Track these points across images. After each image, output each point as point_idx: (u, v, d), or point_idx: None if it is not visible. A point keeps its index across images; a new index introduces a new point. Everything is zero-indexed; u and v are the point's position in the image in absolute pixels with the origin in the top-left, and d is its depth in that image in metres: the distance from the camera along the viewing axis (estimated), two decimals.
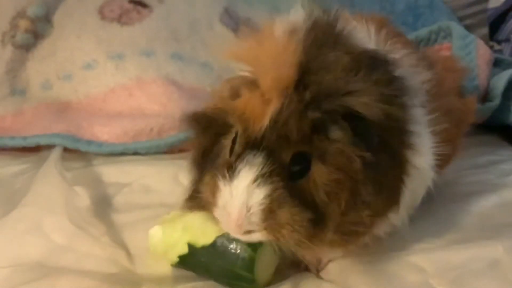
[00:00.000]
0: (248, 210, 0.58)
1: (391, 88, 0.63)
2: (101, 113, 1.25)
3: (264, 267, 0.69)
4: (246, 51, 0.64)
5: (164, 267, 0.74)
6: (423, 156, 0.68)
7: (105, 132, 1.18)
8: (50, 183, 0.92)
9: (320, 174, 0.60)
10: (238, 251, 0.67)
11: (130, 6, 1.42)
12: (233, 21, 1.47)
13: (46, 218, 0.82)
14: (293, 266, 0.74)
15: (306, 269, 0.74)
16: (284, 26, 0.65)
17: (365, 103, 0.58)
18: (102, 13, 1.40)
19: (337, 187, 0.60)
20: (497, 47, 1.81)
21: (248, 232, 0.60)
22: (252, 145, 0.59)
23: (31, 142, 1.15)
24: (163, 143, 1.16)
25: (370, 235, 0.69)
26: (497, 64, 1.45)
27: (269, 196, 0.58)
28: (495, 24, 1.84)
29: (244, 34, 0.68)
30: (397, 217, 0.70)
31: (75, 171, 1.03)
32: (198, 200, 0.65)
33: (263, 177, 0.58)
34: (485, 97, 1.28)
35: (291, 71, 0.59)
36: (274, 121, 0.58)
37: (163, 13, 1.42)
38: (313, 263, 0.74)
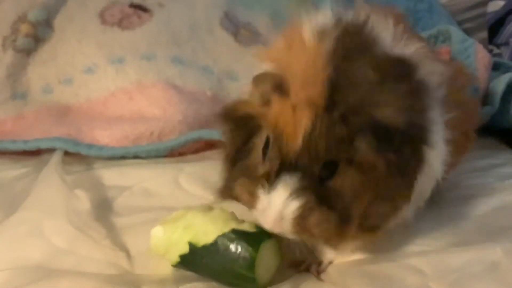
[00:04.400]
0: (283, 217, 0.64)
1: (414, 97, 0.66)
2: (101, 117, 1.25)
3: (265, 267, 0.69)
4: (276, 53, 0.69)
5: (164, 269, 0.74)
6: (437, 152, 0.72)
7: (106, 136, 1.18)
8: (51, 187, 0.92)
9: (345, 177, 0.64)
10: (239, 250, 0.68)
11: (130, 10, 1.43)
12: (233, 25, 1.48)
13: (47, 221, 0.82)
14: (293, 267, 0.74)
15: (306, 270, 0.74)
16: (312, 29, 0.68)
17: (389, 115, 0.63)
18: (102, 18, 1.41)
19: (361, 188, 0.64)
20: (496, 50, 1.81)
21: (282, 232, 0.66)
22: (288, 163, 0.64)
23: (31, 146, 1.15)
24: (163, 146, 1.16)
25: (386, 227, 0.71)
26: (496, 67, 1.45)
27: (301, 207, 0.63)
28: (494, 27, 1.84)
29: (273, 36, 0.72)
30: (407, 210, 0.72)
31: (76, 175, 1.04)
32: (231, 193, 0.70)
33: (296, 192, 0.63)
34: (484, 100, 1.28)
35: (320, 89, 0.62)
36: (306, 140, 0.62)
37: (164, 18, 1.43)
38: (313, 264, 0.74)
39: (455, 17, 1.87)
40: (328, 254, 0.75)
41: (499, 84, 1.28)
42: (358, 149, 0.63)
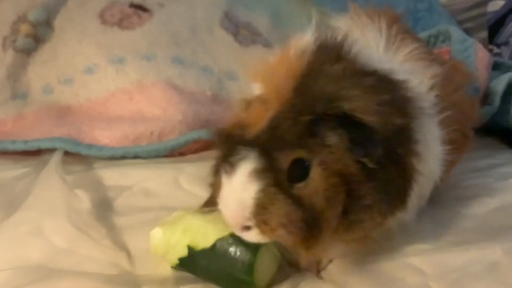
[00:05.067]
0: (242, 203, 0.61)
1: (391, 95, 0.64)
2: (101, 117, 1.25)
3: (264, 270, 0.69)
4: (261, 71, 0.69)
5: (164, 269, 0.74)
6: (429, 161, 0.71)
7: (106, 136, 1.18)
8: (51, 187, 0.92)
9: (318, 180, 0.62)
10: (238, 254, 0.68)
11: (130, 10, 1.43)
12: (233, 25, 1.48)
13: (47, 221, 0.82)
14: (293, 266, 0.74)
15: (306, 269, 0.74)
16: (296, 48, 0.68)
17: (359, 107, 0.61)
18: (102, 18, 1.41)
19: (334, 192, 0.62)
20: (496, 50, 1.81)
21: (246, 228, 0.63)
22: (251, 143, 0.62)
23: (32, 146, 1.15)
24: (163, 146, 1.16)
25: (381, 229, 0.70)
26: (497, 67, 1.45)
27: (262, 191, 0.61)
28: (494, 27, 1.85)
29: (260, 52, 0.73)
30: (406, 214, 0.72)
31: (76, 175, 1.04)
32: (214, 202, 0.68)
33: (257, 173, 0.61)
34: (484, 100, 1.28)
35: (289, 80, 0.63)
36: (270, 125, 0.62)
37: (164, 18, 1.43)
38: (313, 263, 0.74)
39: (455, 17, 1.87)
40: (329, 252, 0.74)
41: (499, 84, 1.28)
42: (329, 144, 0.61)
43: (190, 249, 0.70)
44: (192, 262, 0.71)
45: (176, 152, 1.18)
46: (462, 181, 1.00)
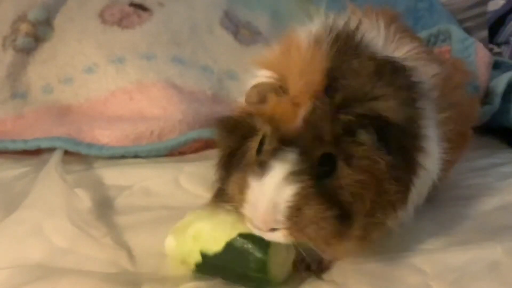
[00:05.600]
0: (276, 206, 0.59)
1: (412, 92, 0.66)
2: (101, 117, 1.25)
3: (279, 265, 0.68)
4: (274, 59, 0.68)
5: (165, 268, 0.74)
6: (432, 158, 0.71)
7: (106, 136, 1.18)
8: (51, 186, 0.92)
9: (345, 175, 0.61)
10: (250, 254, 0.67)
11: (130, 10, 1.43)
12: (233, 25, 1.48)
13: (47, 220, 0.82)
14: (293, 266, 0.74)
15: (307, 269, 0.74)
16: (308, 37, 0.67)
17: (391, 107, 0.61)
18: (102, 17, 1.41)
19: (362, 188, 0.62)
20: (496, 49, 1.81)
21: (273, 230, 0.61)
22: (286, 142, 0.61)
23: (32, 146, 1.15)
24: (163, 146, 1.16)
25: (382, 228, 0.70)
26: (497, 66, 1.45)
27: (298, 194, 0.59)
28: (495, 26, 1.84)
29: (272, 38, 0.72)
30: (404, 212, 0.72)
31: (76, 174, 1.04)
32: (224, 196, 0.67)
33: (294, 175, 0.59)
34: (485, 99, 1.28)
35: (320, 76, 0.62)
36: (307, 122, 0.61)
37: (164, 17, 1.43)
38: (313, 263, 0.74)
39: (456, 16, 1.87)
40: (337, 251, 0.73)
41: (500, 83, 1.28)
42: (359, 142, 0.61)
43: (203, 254, 0.70)
44: (208, 266, 0.71)
45: (176, 152, 1.18)
46: (462, 180, 1.00)
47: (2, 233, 0.81)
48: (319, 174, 0.61)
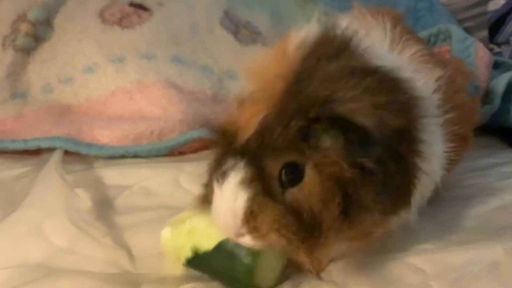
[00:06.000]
0: (233, 212, 0.61)
1: (392, 96, 0.62)
2: (101, 117, 1.26)
3: (266, 273, 0.68)
4: (253, 68, 0.67)
5: (165, 268, 0.74)
6: (432, 161, 0.70)
7: (106, 135, 1.18)
8: (51, 186, 0.92)
9: (313, 183, 0.60)
10: (238, 256, 0.67)
11: (130, 9, 1.43)
12: (233, 25, 1.48)
13: (47, 220, 0.82)
14: (293, 266, 0.74)
15: (307, 270, 0.74)
16: (295, 41, 0.66)
17: (354, 110, 0.59)
18: (102, 17, 1.41)
19: (330, 195, 0.60)
20: (496, 49, 1.81)
21: (240, 235, 0.63)
22: (239, 151, 0.62)
23: (31, 145, 1.15)
24: (163, 146, 1.16)
25: (385, 229, 0.71)
26: (497, 66, 1.45)
27: (251, 199, 0.60)
28: (495, 26, 1.84)
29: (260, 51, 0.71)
30: (409, 214, 0.72)
31: (76, 174, 1.04)
32: (207, 204, 0.68)
33: (245, 182, 0.61)
34: (485, 99, 1.28)
35: (278, 81, 0.61)
36: (260, 130, 0.60)
37: (164, 17, 1.43)
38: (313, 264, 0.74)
39: (456, 16, 1.87)
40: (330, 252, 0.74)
41: (500, 83, 1.28)
42: (323, 147, 0.60)
43: (194, 251, 0.70)
44: (199, 262, 0.71)
45: (176, 152, 1.18)
46: (462, 180, 1.00)
47: (2, 233, 0.81)
48: (283, 182, 0.61)
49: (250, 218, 0.61)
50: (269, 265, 0.69)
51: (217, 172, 0.64)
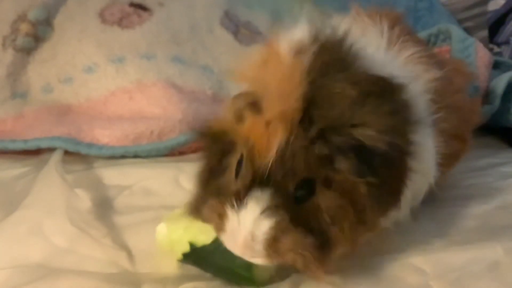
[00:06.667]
0: (253, 239, 0.60)
1: (396, 116, 0.62)
2: (101, 116, 1.26)
3: (264, 266, 0.69)
4: (251, 71, 0.65)
5: (165, 268, 0.74)
6: (424, 161, 0.70)
7: (106, 135, 1.18)
8: (51, 186, 0.92)
9: (324, 199, 0.61)
10: None
11: (130, 9, 1.43)
12: (233, 25, 1.48)
13: (47, 220, 0.82)
14: (293, 266, 0.74)
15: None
16: (289, 44, 0.64)
17: (371, 136, 0.59)
18: (102, 17, 1.41)
19: (341, 212, 0.61)
20: (496, 49, 1.82)
21: (257, 257, 0.62)
22: (260, 179, 0.60)
23: (31, 145, 1.15)
24: (163, 146, 1.16)
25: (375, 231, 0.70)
26: (497, 66, 1.45)
27: (275, 227, 0.60)
28: (495, 26, 1.85)
29: (250, 52, 0.69)
30: (400, 212, 0.72)
31: (76, 174, 1.04)
32: (199, 215, 0.67)
33: (270, 209, 0.60)
34: (485, 99, 1.28)
35: (296, 104, 0.59)
36: (280, 155, 0.59)
37: (164, 17, 1.43)
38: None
39: (456, 16, 1.87)
40: None
41: (500, 83, 1.28)
42: (339, 170, 0.60)
43: (192, 245, 0.71)
44: (195, 257, 0.71)
45: (176, 151, 1.18)
46: (462, 180, 1.00)
47: (2, 233, 0.81)
48: (297, 198, 0.61)
49: (272, 244, 0.60)
50: None
51: (228, 192, 0.62)
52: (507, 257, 0.71)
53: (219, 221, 0.63)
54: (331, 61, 0.63)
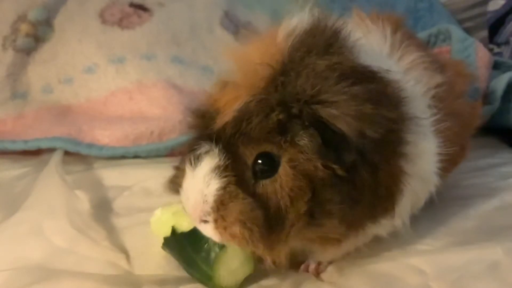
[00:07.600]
0: (204, 197, 0.61)
1: (375, 110, 0.60)
2: (101, 117, 1.26)
3: (229, 270, 0.68)
4: (236, 51, 0.66)
5: (164, 269, 0.74)
6: (421, 164, 0.69)
7: (106, 136, 1.18)
8: (51, 187, 0.92)
9: (285, 178, 0.60)
10: (207, 244, 0.68)
11: (130, 10, 1.43)
12: (233, 25, 1.48)
13: (47, 221, 0.82)
14: (293, 267, 0.74)
15: (306, 270, 0.74)
16: (285, 29, 0.65)
17: (335, 115, 0.58)
18: (103, 17, 1.41)
19: (300, 192, 0.60)
20: (496, 49, 1.81)
21: (204, 221, 0.62)
22: (215, 136, 0.61)
23: (32, 146, 1.15)
24: (163, 146, 1.16)
25: (368, 236, 0.70)
26: (497, 66, 1.45)
27: (223, 188, 0.60)
28: (495, 27, 1.84)
29: (246, 37, 0.69)
30: (397, 219, 0.71)
31: (76, 175, 1.04)
32: (176, 187, 0.68)
33: (219, 169, 0.60)
34: (485, 99, 1.28)
35: (263, 68, 0.60)
36: (238, 116, 0.59)
37: (164, 17, 1.43)
38: (313, 265, 0.74)
39: (456, 16, 1.87)
40: (326, 254, 0.73)
41: (500, 83, 1.28)
42: (300, 144, 0.59)
43: (173, 230, 0.72)
44: (173, 243, 0.73)
45: (177, 152, 1.17)
46: (462, 180, 1.00)
47: (2, 233, 0.81)
48: (256, 173, 0.61)
49: (220, 206, 0.60)
50: (233, 266, 0.69)
51: (190, 154, 0.63)
52: (507, 257, 0.70)
53: (180, 180, 0.64)
54: (317, 43, 0.63)
